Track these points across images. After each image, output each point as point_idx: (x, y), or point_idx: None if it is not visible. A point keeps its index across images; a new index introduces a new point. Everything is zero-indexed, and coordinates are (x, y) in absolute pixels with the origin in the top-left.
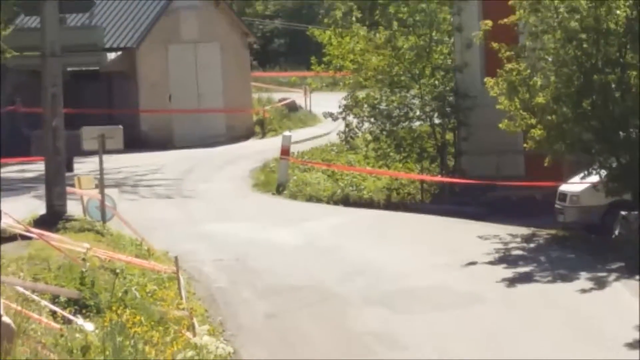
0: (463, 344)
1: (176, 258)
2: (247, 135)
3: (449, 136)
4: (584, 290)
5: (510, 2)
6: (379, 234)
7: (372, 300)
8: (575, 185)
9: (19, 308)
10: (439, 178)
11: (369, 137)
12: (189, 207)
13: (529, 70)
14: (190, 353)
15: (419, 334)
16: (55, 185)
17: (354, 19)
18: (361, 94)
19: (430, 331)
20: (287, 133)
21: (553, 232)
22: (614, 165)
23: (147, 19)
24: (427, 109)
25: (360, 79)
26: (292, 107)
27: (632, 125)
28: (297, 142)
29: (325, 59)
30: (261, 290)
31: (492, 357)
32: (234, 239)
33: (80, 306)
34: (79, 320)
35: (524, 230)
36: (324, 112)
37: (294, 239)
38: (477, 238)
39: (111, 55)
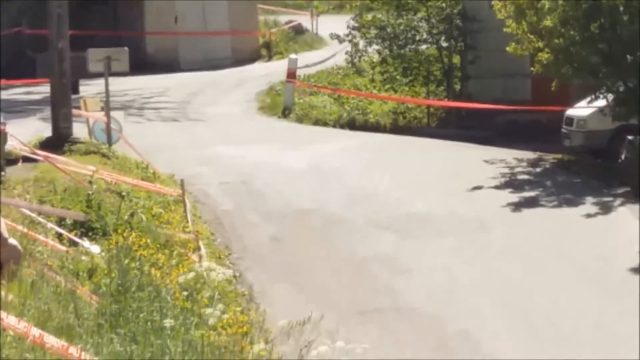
0: (469, 268)
1: (182, 181)
2: (253, 58)
3: (456, 59)
4: (589, 215)
5: None
6: (386, 158)
7: (378, 224)
8: (582, 109)
9: (25, 230)
10: (445, 102)
11: (376, 59)
12: (195, 130)
13: None
14: (191, 275)
15: (424, 259)
16: (61, 108)
17: None
18: (368, 16)
19: (436, 256)
20: (293, 56)
21: (559, 156)
22: (621, 89)
23: None
24: (434, 31)
25: (367, 1)
26: (299, 30)
27: None
28: (303, 67)
29: None
30: (267, 213)
31: (498, 281)
32: (240, 162)
33: (86, 229)
34: (85, 243)
35: (530, 155)
36: (331, 33)
37: (300, 163)
38: (483, 162)
39: None
